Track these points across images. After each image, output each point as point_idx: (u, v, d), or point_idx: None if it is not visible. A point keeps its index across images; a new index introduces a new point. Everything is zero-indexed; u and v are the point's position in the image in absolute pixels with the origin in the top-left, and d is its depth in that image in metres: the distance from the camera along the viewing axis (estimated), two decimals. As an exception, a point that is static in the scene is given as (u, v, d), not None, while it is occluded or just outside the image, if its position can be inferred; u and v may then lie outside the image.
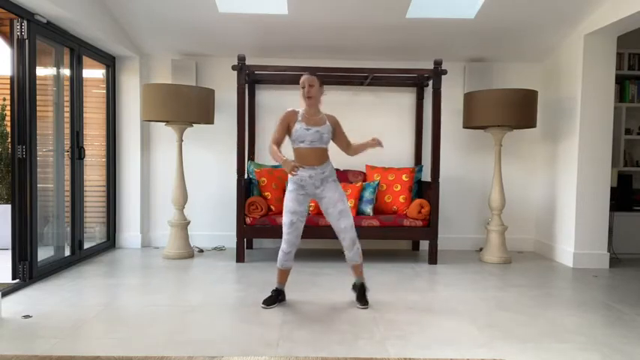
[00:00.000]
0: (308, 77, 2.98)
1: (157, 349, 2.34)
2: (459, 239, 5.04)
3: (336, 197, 3.00)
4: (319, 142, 2.95)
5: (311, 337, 2.51)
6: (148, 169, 4.95)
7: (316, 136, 2.94)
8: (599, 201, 4.29)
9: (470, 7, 4.12)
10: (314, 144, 2.95)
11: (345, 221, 3.00)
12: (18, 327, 2.61)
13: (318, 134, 2.94)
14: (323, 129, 2.96)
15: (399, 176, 4.54)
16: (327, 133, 2.98)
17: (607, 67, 4.23)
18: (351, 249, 3.03)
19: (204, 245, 4.95)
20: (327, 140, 3.00)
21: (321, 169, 2.98)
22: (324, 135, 2.96)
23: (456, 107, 4.96)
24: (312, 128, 2.94)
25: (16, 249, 3.40)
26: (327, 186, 3.00)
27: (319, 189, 3.00)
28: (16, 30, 3.32)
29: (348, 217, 3.00)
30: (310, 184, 2.98)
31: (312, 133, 2.93)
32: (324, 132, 2.96)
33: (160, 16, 4.19)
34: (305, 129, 2.94)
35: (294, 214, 2.97)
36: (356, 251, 3.05)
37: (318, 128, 2.95)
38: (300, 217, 2.99)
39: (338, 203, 2.99)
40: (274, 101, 4.93)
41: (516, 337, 2.58)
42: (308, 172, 2.95)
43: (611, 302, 3.23)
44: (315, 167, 2.96)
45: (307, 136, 2.93)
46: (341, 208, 2.99)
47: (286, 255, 3.03)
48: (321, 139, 2.95)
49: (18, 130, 3.36)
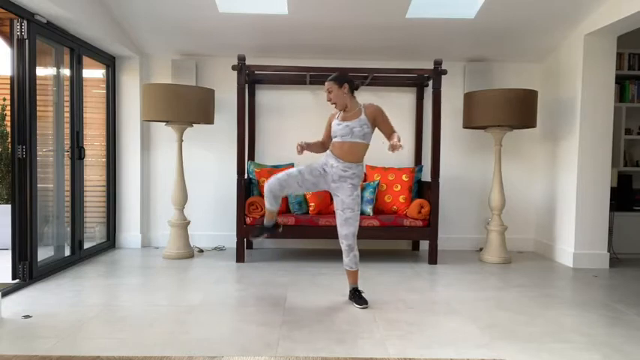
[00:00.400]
0: (326, 84, 3.06)
1: (157, 349, 2.34)
2: (459, 239, 5.04)
3: (348, 203, 3.02)
4: (350, 136, 2.99)
5: (311, 337, 2.51)
6: (148, 169, 4.95)
7: (346, 131, 2.99)
8: (599, 201, 4.29)
9: (470, 7, 4.12)
10: (344, 138, 3.00)
11: (347, 229, 3.02)
12: (18, 327, 2.61)
13: (348, 128, 2.99)
14: (353, 123, 2.99)
15: (399, 176, 4.54)
16: (359, 127, 2.99)
17: (607, 67, 4.23)
18: (347, 255, 3.07)
19: (204, 245, 4.95)
20: (358, 134, 2.99)
21: (344, 166, 3.01)
22: (354, 129, 2.98)
23: (456, 107, 4.97)
24: (342, 123, 3.03)
25: (16, 249, 3.40)
26: (344, 186, 3.04)
27: (335, 183, 3.06)
28: (16, 30, 3.32)
29: (351, 226, 3.02)
30: (330, 173, 3.05)
31: (342, 128, 3.01)
32: (355, 126, 2.99)
33: (160, 16, 4.19)
34: (337, 124, 3.05)
35: (299, 171, 3.07)
36: (352, 258, 3.07)
37: (348, 123, 3.01)
38: (300, 177, 3.06)
39: (347, 210, 3.02)
40: (274, 101, 4.93)
41: (516, 337, 2.58)
42: (335, 161, 3.03)
43: (611, 302, 3.23)
44: (341, 161, 3.02)
45: (338, 131, 3.02)
46: (348, 215, 3.02)
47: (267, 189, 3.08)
48: (352, 133, 2.99)
49: (18, 130, 3.36)
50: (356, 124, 2.99)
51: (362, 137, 3.00)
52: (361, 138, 3.00)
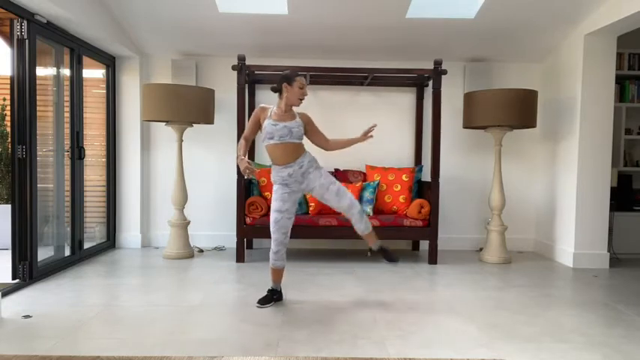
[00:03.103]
0: (305, 79, 3.01)
1: (157, 349, 2.34)
2: (459, 239, 5.04)
3: (325, 182, 2.98)
4: (289, 136, 2.90)
5: (311, 337, 2.51)
6: (148, 169, 4.95)
7: (284, 131, 2.89)
8: (599, 201, 4.29)
9: (470, 7, 4.12)
10: (283, 139, 2.90)
11: (345, 199, 2.98)
12: (18, 327, 2.61)
13: (287, 129, 2.90)
14: (292, 124, 2.92)
15: (399, 176, 4.54)
16: (297, 128, 2.93)
17: (607, 67, 4.23)
18: (360, 221, 3.03)
19: (204, 245, 4.95)
20: (297, 135, 2.93)
21: (298, 165, 2.94)
22: (293, 129, 2.91)
23: (456, 107, 4.97)
24: (279, 124, 2.91)
25: (16, 249, 3.40)
26: (311, 177, 2.98)
27: (304, 183, 2.99)
28: (16, 30, 3.32)
29: (346, 194, 2.99)
30: (292, 182, 2.96)
31: (280, 129, 2.90)
32: (294, 126, 2.92)
33: (160, 16, 4.19)
34: (273, 124, 2.91)
35: (279, 212, 2.96)
36: (366, 221, 3.05)
37: (286, 123, 2.92)
38: (287, 215, 2.98)
39: (330, 186, 2.97)
40: (274, 101, 4.89)
41: (516, 337, 2.58)
42: (286, 170, 2.93)
43: (611, 302, 3.23)
44: (291, 164, 2.93)
45: (276, 132, 2.90)
46: (335, 188, 2.98)
47: (275, 254, 3.02)
48: (291, 134, 2.91)
49: (18, 130, 3.36)
50: (294, 125, 2.92)
51: (299, 138, 2.95)
52: (298, 138, 2.95)
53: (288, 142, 2.91)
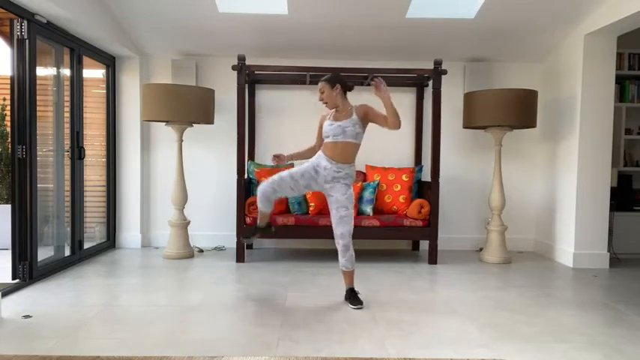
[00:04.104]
0: (319, 84, 3.09)
1: (157, 349, 2.34)
2: (459, 239, 5.04)
3: (342, 201, 3.03)
4: (342, 135, 3.00)
5: (311, 337, 2.51)
6: (148, 169, 4.95)
7: (338, 130, 3.00)
8: (599, 201, 4.29)
9: (470, 7, 4.12)
10: (337, 138, 3.01)
11: (343, 228, 3.02)
12: (18, 327, 2.61)
13: (340, 128, 3.00)
14: (345, 123, 3.00)
15: (399, 176, 4.54)
16: (351, 127, 3.00)
17: (607, 67, 4.23)
18: (343, 255, 3.06)
19: (204, 245, 4.95)
20: (351, 134, 3.00)
21: (337, 167, 3.03)
22: (346, 129, 2.99)
23: (456, 107, 4.97)
24: (334, 123, 3.03)
25: (16, 249, 3.40)
26: (337, 186, 3.05)
27: (329, 184, 3.06)
28: (16, 30, 3.32)
29: (346, 225, 3.02)
30: (322, 175, 3.05)
31: (334, 128, 3.02)
32: (347, 125, 3.00)
33: (160, 16, 4.19)
34: (329, 124, 3.06)
35: (290, 175, 3.07)
36: (349, 258, 3.06)
37: (340, 123, 3.01)
38: (292, 182, 3.07)
39: (341, 208, 3.02)
40: (274, 101, 4.93)
41: (516, 337, 2.58)
42: (327, 162, 3.04)
43: (611, 302, 3.23)
44: (334, 162, 3.03)
45: (330, 131, 3.03)
46: (343, 214, 3.02)
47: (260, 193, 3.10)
48: (344, 133, 3.00)
49: (18, 130, 3.36)
50: (348, 124, 3.00)
51: (354, 137, 3.02)
52: (353, 138, 3.01)
53: (340, 141, 3.01)
